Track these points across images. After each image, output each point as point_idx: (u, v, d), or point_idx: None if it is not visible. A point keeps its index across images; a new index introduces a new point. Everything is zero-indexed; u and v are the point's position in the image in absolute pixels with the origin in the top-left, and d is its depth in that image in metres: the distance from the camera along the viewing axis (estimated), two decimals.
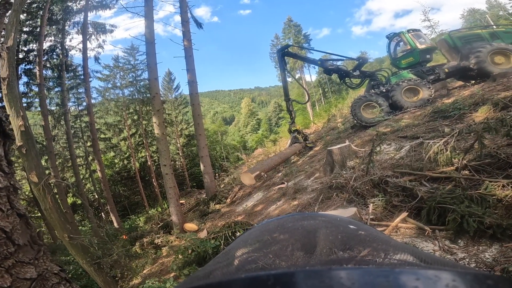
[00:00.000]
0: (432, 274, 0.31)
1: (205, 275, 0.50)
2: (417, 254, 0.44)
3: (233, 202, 9.14)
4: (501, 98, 5.55)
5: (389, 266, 0.41)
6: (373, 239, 0.53)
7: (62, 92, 16.51)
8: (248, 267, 0.46)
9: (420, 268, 0.39)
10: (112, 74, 24.87)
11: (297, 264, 0.44)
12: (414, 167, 4.18)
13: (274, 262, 0.45)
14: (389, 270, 0.34)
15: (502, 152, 3.30)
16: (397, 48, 10.83)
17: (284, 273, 0.35)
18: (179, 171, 27.48)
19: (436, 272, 0.31)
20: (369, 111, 9.46)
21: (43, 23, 13.93)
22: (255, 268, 0.44)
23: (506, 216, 2.45)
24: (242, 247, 0.57)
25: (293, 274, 0.33)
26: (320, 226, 0.60)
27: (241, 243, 0.62)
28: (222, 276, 0.46)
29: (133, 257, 7.04)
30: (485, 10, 41.30)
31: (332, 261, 0.44)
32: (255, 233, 0.66)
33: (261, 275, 0.35)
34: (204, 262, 3.57)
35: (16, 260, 1.09)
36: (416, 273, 0.31)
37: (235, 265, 0.49)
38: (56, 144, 18.81)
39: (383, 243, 0.50)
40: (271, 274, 0.33)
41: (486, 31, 9.68)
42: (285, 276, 0.33)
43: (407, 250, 0.46)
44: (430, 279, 0.29)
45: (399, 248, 0.47)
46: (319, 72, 47.46)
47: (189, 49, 11.89)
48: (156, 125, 9.27)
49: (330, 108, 23.87)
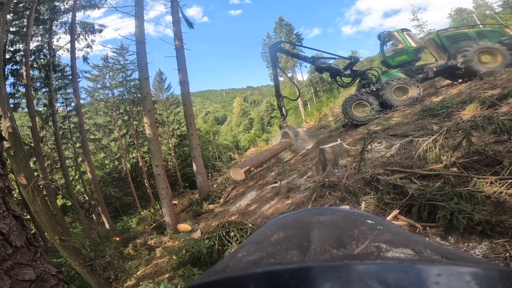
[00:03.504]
0: (454, 270, 0.30)
1: (221, 269, 0.49)
2: (439, 250, 0.43)
3: (227, 202, 9.13)
4: (488, 96, 5.68)
5: (410, 261, 0.40)
6: (393, 234, 0.52)
7: (49, 93, 16.19)
8: (265, 262, 0.45)
9: (442, 263, 0.38)
10: (101, 74, 24.52)
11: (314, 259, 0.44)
12: (405, 164, 4.25)
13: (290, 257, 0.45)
14: (409, 266, 0.33)
15: (489, 149, 3.38)
16: (389, 46, 10.95)
17: (300, 267, 0.34)
18: (172, 171, 27.30)
19: (458, 268, 0.30)
20: (360, 109, 9.56)
21: (30, 23, 13.62)
22: (271, 262, 0.44)
23: (495, 213, 2.51)
24: (259, 242, 0.56)
25: (310, 268, 0.33)
26: (337, 221, 0.60)
27: (258, 238, 0.62)
28: (239, 270, 0.46)
29: (127, 258, 6.96)
30: (472, 9, 42.14)
31: (351, 256, 0.44)
32: (271, 228, 0.65)
33: (277, 270, 0.35)
34: (198, 263, 3.56)
35: (14, 262, 1.08)
36: (438, 269, 0.30)
37: (251, 260, 0.48)
38: (44, 145, 18.44)
39: (404, 238, 0.50)
40: (287, 268, 0.33)
41: (473, 30, 9.85)
42: (302, 270, 0.33)
43: (429, 246, 0.46)
44: (452, 276, 0.29)
45: (420, 244, 0.46)
46: (310, 71, 47.79)
47: (181, 48, 11.80)
48: (147, 126, 9.17)
49: (321, 107, 24.03)
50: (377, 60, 16.93)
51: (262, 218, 5.60)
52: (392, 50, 10.73)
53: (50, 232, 5.34)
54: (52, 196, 13.13)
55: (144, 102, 9.30)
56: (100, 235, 9.23)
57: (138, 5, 9.33)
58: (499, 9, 37.46)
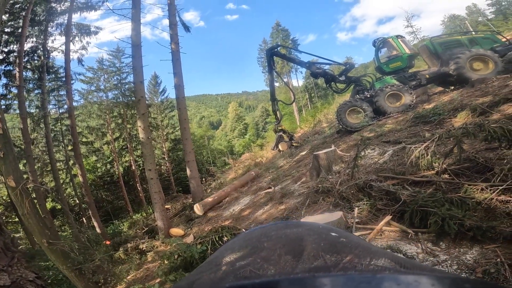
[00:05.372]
0: (412, 279, 0.31)
1: (188, 284, 0.49)
2: (397, 260, 0.45)
3: (220, 207, 9.07)
4: (479, 103, 5.76)
5: (371, 272, 0.41)
6: (354, 245, 0.53)
7: (42, 94, 15.97)
8: (233, 276, 0.45)
9: (400, 273, 0.40)
10: (96, 76, 24.35)
11: (281, 273, 0.45)
12: (397, 171, 4.29)
13: (258, 271, 0.45)
14: (371, 276, 0.35)
15: (480, 156, 3.43)
16: (383, 53, 10.99)
17: (268, 281, 0.36)
18: (165, 175, 27.07)
19: (416, 277, 0.32)
20: (354, 116, 9.61)
21: (25, 24, 13.49)
22: (239, 277, 0.44)
23: (485, 218, 2.54)
24: (226, 256, 0.56)
25: (278, 282, 0.34)
26: (303, 234, 0.60)
27: (225, 252, 0.61)
28: (205, 285, 0.46)
29: (117, 262, 6.84)
30: (465, 16, 42.81)
31: (316, 268, 0.45)
32: (239, 242, 0.65)
33: (245, 284, 0.35)
34: (190, 267, 3.51)
35: None
36: (397, 278, 0.32)
37: (218, 274, 0.48)
38: (35, 147, 18.13)
39: (364, 250, 0.51)
40: (255, 283, 0.35)
41: (465, 37, 9.90)
42: (269, 284, 0.34)
43: (388, 256, 0.47)
44: (411, 284, 0.30)
45: (380, 254, 0.48)
46: (306, 77, 48.12)
47: (177, 52, 11.81)
48: (141, 129, 9.11)
49: (316, 113, 24.18)
50: (372, 67, 17.20)
51: (255, 223, 5.58)
52: (386, 57, 10.74)
53: (38, 236, 5.22)
54: (41, 199, 12.87)
55: (138, 106, 9.25)
56: (90, 239, 9.05)
57: (135, 8, 9.34)
58: (492, 15, 38.10)
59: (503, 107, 5.22)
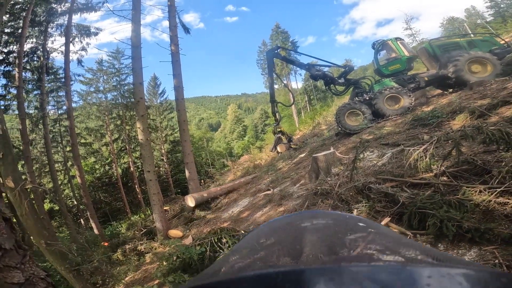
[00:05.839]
0: (445, 271, 0.30)
1: (214, 273, 0.49)
2: (429, 252, 0.43)
3: (219, 209, 9.06)
4: (477, 106, 5.77)
5: (401, 263, 0.40)
6: (384, 236, 0.52)
7: (41, 95, 15.95)
8: (257, 265, 0.45)
9: (432, 265, 0.38)
10: (95, 77, 24.37)
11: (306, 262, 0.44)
12: (396, 173, 4.29)
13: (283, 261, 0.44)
14: (400, 267, 0.33)
15: (478, 159, 3.44)
16: (382, 55, 11.00)
17: (293, 270, 0.35)
18: (163, 177, 27.03)
19: (449, 270, 0.31)
20: (353, 118, 9.63)
21: (25, 24, 13.49)
22: (264, 265, 0.44)
23: (483, 220, 2.55)
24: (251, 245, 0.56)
25: (302, 271, 0.33)
26: (329, 224, 0.60)
27: (250, 241, 0.61)
28: (231, 274, 0.46)
29: (115, 264, 6.81)
30: (464, 19, 42.88)
31: (342, 259, 0.44)
32: (264, 231, 0.65)
33: (270, 273, 0.35)
34: (189, 269, 3.50)
35: (3, 264, 1.06)
36: (428, 270, 0.30)
37: (243, 263, 0.48)
38: (34, 148, 18.11)
39: (394, 241, 0.50)
40: (280, 271, 0.33)
41: (464, 40, 9.93)
42: (294, 273, 0.33)
43: (419, 248, 0.46)
44: (443, 277, 0.29)
45: (410, 246, 0.47)
46: (305, 79, 48.30)
47: (176, 54, 11.83)
48: (140, 131, 9.10)
49: (315, 116, 24.22)
50: (371, 69, 17.28)
51: (254, 225, 5.57)
52: (385, 59, 10.75)
53: (35, 236, 5.21)
54: (39, 200, 12.80)
55: (138, 107, 9.25)
56: (88, 240, 9.02)
57: (135, 9, 9.37)
58: (490, 18, 38.17)
59: (501, 110, 5.24)
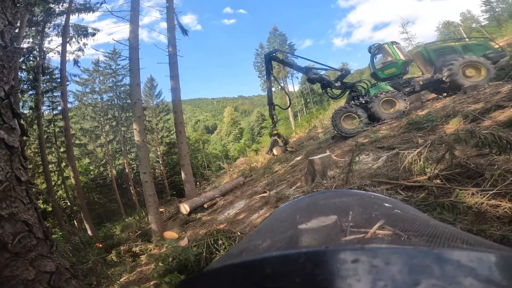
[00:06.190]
0: (475, 256, 0.30)
1: (238, 252, 0.50)
2: (459, 235, 0.42)
3: (215, 211, 9.05)
4: (471, 110, 5.85)
5: (429, 246, 0.40)
6: (411, 218, 0.51)
7: (36, 95, 15.81)
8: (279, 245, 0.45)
9: (462, 249, 0.38)
10: (91, 78, 24.23)
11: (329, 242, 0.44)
12: (391, 176, 4.35)
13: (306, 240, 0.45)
14: (427, 250, 0.33)
15: (471, 162, 3.51)
16: (379, 59, 11.06)
17: (316, 251, 0.35)
18: (159, 179, 26.87)
19: (479, 254, 0.30)
20: (349, 122, 9.69)
21: (23, 24, 13.39)
22: (286, 246, 0.44)
23: (476, 222, 2.59)
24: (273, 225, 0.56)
25: (324, 252, 0.33)
26: (353, 204, 0.59)
27: (273, 221, 0.61)
28: (254, 254, 0.46)
29: (109, 265, 6.76)
30: (459, 23, 43.01)
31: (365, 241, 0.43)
32: (287, 211, 0.64)
33: (292, 253, 0.35)
34: (185, 270, 3.50)
35: (37, 253, 1.11)
36: (457, 254, 0.30)
37: (266, 243, 0.48)
38: (27, 149, 17.90)
39: (421, 223, 0.49)
40: (302, 252, 0.34)
41: (459, 44, 9.94)
42: (316, 254, 0.33)
43: (449, 230, 0.45)
44: (473, 261, 0.28)
45: (439, 228, 0.45)
46: (302, 83, 48.46)
47: (174, 55, 11.83)
48: (136, 132, 9.08)
49: (311, 119, 24.34)
50: (367, 73, 17.43)
51: (250, 227, 5.57)
52: (381, 63, 10.79)
53: None
54: None
55: (134, 108, 9.23)
56: (82, 241, 8.94)
57: (134, 10, 9.38)
58: (486, 22, 38.32)
59: (494, 114, 5.32)
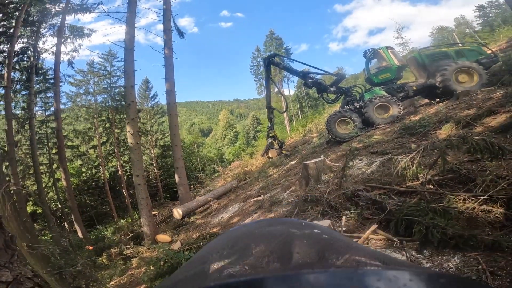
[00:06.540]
0: (392, 274, 0.32)
1: (172, 284, 0.49)
2: (377, 256, 0.46)
3: (208, 214, 8.98)
4: (463, 116, 5.93)
5: (353, 267, 0.42)
6: (336, 241, 0.54)
7: (29, 96, 15.58)
8: (217, 276, 0.45)
9: (381, 268, 0.41)
10: (85, 79, 23.99)
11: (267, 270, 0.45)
12: (384, 181, 4.37)
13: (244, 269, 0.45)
14: (352, 272, 0.36)
15: (463, 168, 3.55)
16: (373, 64, 11.12)
17: (254, 279, 0.36)
18: (152, 182, 26.62)
19: (395, 273, 0.33)
20: (344, 126, 9.75)
21: (18, 24, 13.24)
22: (224, 276, 0.44)
23: (467, 227, 2.61)
24: (210, 255, 0.56)
25: (262, 280, 0.34)
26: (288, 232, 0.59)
27: (209, 251, 0.61)
28: (190, 284, 0.45)
29: (100, 268, 6.65)
30: (453, 28, 43.49)
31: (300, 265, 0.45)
32: (223, 240, 0.65)
33: (231, 283, 0.36)
34: None
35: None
36: (377, 273, 0.33)
37: (203, 274, 0.48)
38: (18, 150, 17.61)
39: (345, 246, 0.52)
40: (240, 281, 0.35)
41: (452, 49, 10.01)
42: (255, 282, 0.34)
43: (368, 252, 0.48)
44: (390, 279, 0.31)
45: (360, 250, 0.49)
46: (297, 87, 48.73)
47: (170, 57, 11.81)
48: (130, 134, 9.01)
49: (306, 123, 24.43)
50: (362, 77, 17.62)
51: None
52: (376, 68, 10.86)
53: (18, 239, 5.05)
54: (22, 203, 12.42)
55: (128, 110, 9.16)
56: (72, 244, 8.79)
57: (130, 12, 9.36)
58: (479, 27, 38.77)
59: (486, 120, 5.39)
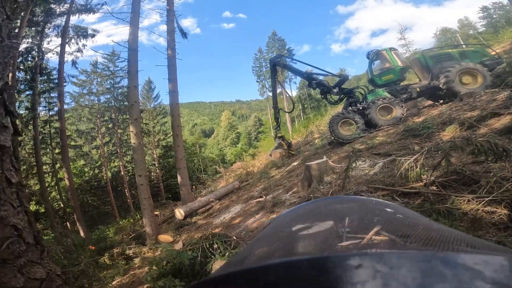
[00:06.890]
0: (480, 259, 0.29)
1: (239, 261, 0.49)
2: (465, 239, 0.42)
3: (210, 215, 8.99)
4: (467, 117, 5.88)
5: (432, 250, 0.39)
6: (413, 222, 0.51)
7: (33, 96, 15.71)
8: (280, 253, 0.45)
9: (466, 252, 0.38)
10: (88, 79, 24.15)
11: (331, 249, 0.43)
12: (387, 182, 4.36)
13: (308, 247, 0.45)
14: (431, 254, 0.32)
15: (467, 169, 3.53)
16: (376, 65, 11.06)
17: (319, 257, 0.35)
18: (155, 182, 26.69)
19: (485, 257, 0.30)
20: (346, 128, 9.71)
21: (23, 24, 13.34)
22: (285, 253, 0.44)
23: (471, 228, 2.60)
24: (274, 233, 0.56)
25: (327, 258, 0.33)
26: (353, 210, 0.59)
27: (274, 229, 0.61)
28: (256, 261, 0.45)
29: (102, 268, 6.67)
30: (456, 29, 43.08)
31: (367, 246, 0.43)
32: (285, 219, 0.64)
33: (295, 260, 0.35)
34: (180, 274, 3.45)
35: (26, 259, 1.05)
36: (462, 257, 0.30)
37: (267, 251, 0.47)
38: (22, 149, 17.72)
39: (425, 227, 0.48)
40: (305, 259, 0.34)
41: (456, 51, 9.93)
42: (319, 261, 0.33)
43: (453, 234, 0.44)
44: (477, 264, 0.28)
45: (443, 232, 0.45)
46: (299, 88, 48.81)
47: (173, 58, 11.85)
48: (132, 135, 9.04)
49: (309, 124, 24.41)
50: (364, 79, 17.60)
51: (246, 232, 5.54)
52: (379, 69, 10.79)
53: None
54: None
55: (131, 111, 9.20)
56: (74, 243, 8.82)
57: (134, 12, 9.41)
58: (483, 28, 38.57)
59: (490, 121, 5.36)
